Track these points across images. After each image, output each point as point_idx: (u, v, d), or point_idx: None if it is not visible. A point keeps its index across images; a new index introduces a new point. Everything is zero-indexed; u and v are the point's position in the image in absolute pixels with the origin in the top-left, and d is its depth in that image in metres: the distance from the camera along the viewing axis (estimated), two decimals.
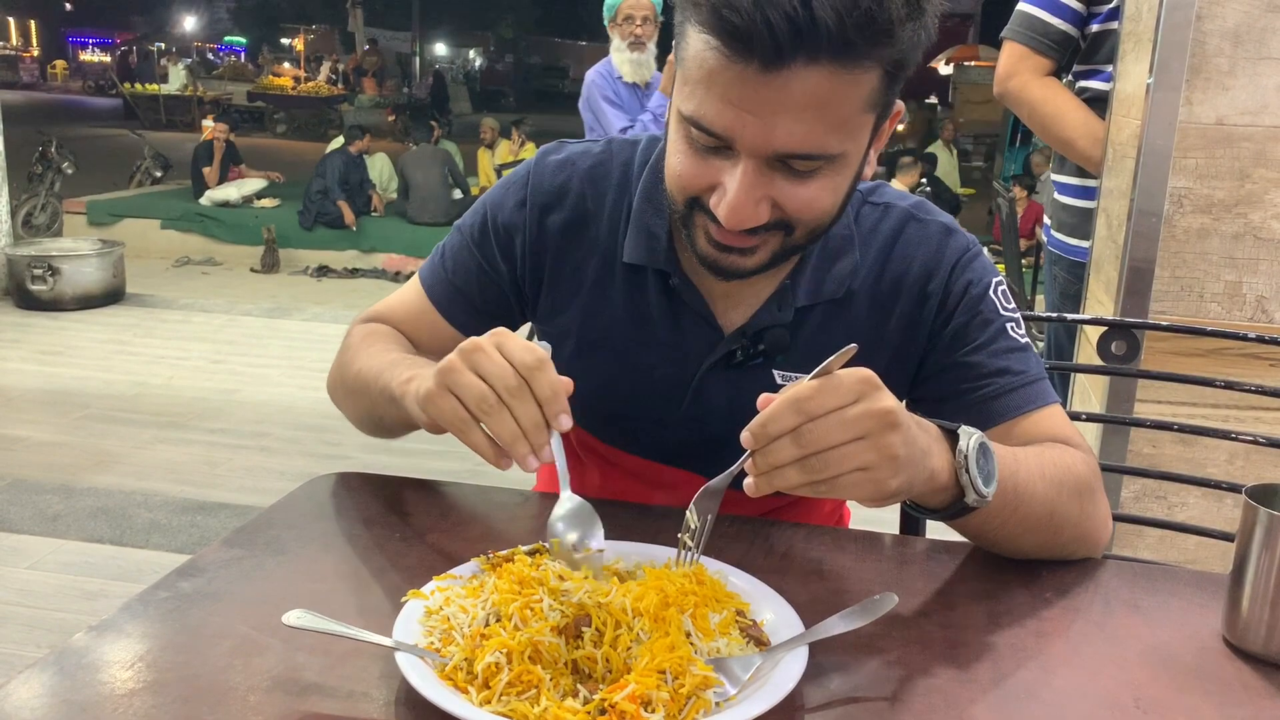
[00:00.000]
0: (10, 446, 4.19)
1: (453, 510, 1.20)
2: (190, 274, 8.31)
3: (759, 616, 0.93)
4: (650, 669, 0.80)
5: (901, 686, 0.88)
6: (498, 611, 0.86)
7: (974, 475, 0.97)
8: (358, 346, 1.28)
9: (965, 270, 1.20)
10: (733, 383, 1.22)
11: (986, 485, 0.99)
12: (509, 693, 0.79)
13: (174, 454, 4.20)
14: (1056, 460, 1.11)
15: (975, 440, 0.99)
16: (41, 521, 3.36)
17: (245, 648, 0.89)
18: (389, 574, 1.03)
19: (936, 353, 1.21)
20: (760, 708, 0.78)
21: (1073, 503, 1.10)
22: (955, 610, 1.01)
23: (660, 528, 1.10)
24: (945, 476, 0.98)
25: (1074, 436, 1.18)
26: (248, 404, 4.92)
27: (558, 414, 0.96)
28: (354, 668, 0.87)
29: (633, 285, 1.24)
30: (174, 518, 3.44)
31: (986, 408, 1.18)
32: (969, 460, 0.97)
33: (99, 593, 2.91)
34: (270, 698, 0.83)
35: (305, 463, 4.16)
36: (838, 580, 1.06)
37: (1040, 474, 1.07)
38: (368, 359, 1.23)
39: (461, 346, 0.98)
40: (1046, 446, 1.14)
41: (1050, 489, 1.07)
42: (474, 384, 0.95)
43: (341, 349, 1.32)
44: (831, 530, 1.19)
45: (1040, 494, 1.06)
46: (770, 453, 0.88)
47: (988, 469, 1.00)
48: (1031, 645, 0.96)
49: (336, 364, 1.32)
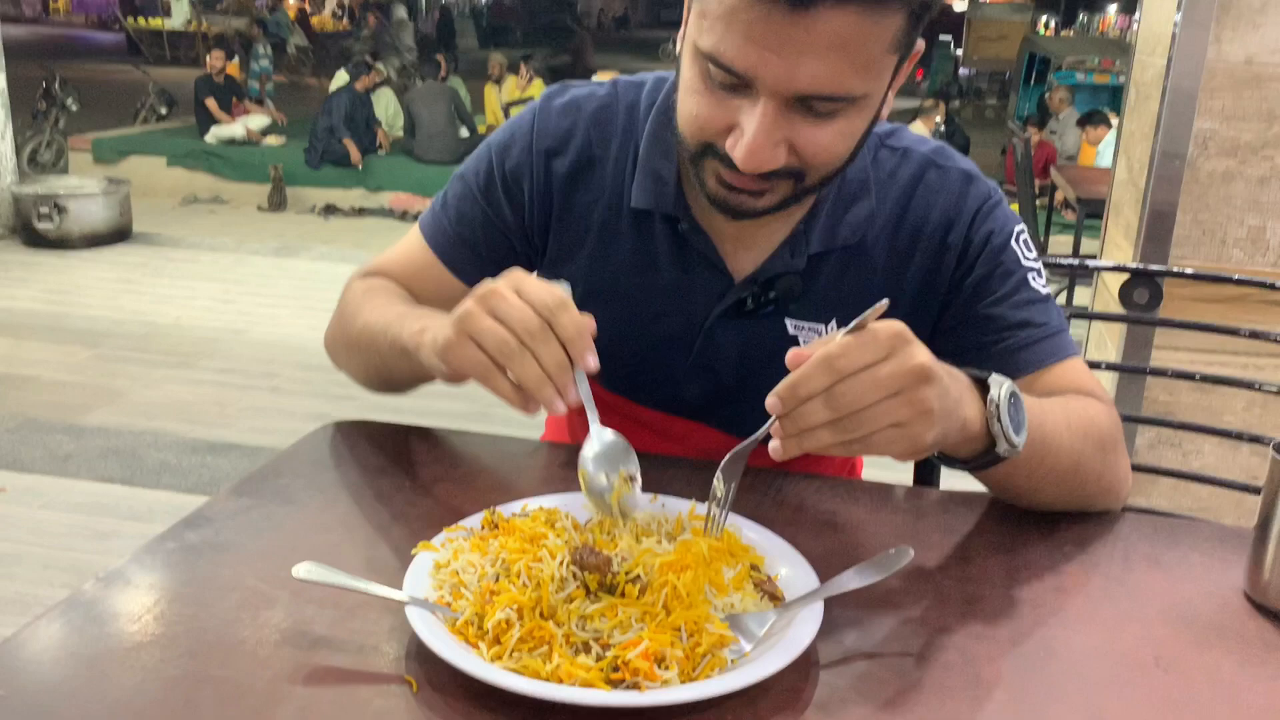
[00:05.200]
0: (21, 386, 4.20)
1: (462, 460, 1.18)
2: (197, 212, 8.27)
3: (773, 571, 0.92)
4: (665, 626, 0.79)
5: (918, 642, 0.86)
6: (507, 566, 0.85)
7: (1005, 424, 0.95)
8: (359, 302, 1.23)
9: (987, 220, 1.17)
10: (743, 331, 1.20)
11: (1017, 434, 0.96)
12: (520, 649, 0.78)
13: (184, 393, 4.21)
14: (1080, 412, 1.09)
15: (1006, 389, 0.96)
16: (53, 461, 3.37)
17: (254, 600, 0.88)
18: (398, 525, 1.02)
19: (956, 305, 1.18)
20: (775, 665, 0.77)
21: (1096, 455, 1.08)
22: (972, 564, 1.00)
23: (671, 477, 1.08)
24: (976, 426, 0.95)
25: (1096, 389, 1.16)
26: (257, 344, 4.91)
27: (583, 352, 0.92)
28: (364, 621, 0.86)
29: (640, 231, 1.22)
30: (184, 458, 3.45)
31: (1008, 361, 1.15)
32: (1000, 409, 0.95)
33: (111, 533, 2.92)
34: (279, 651, 0.82)
35: (315, 403, 4.16)
36: (852, 533, 1.05)
37: (1066, 425, 1.06)
38: (372, 313, 1.19)
39: (478, 292, 0.94)
40: (1070, 398, 1.12)
41: (1075, 440, 1.06)
42: (494, 329, 0.92)
43: (340, 305, 1.28)
44: (845, 482, 1.18)
45: (1066, 445, 1.04)
46: (800, 416, 0.85)
47: (1018, 418, 0.97)
48: (1050, 601, 0.94)
49: (336, 320, 1.28)
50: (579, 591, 0.82)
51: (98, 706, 0.75)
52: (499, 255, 1.26)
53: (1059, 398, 1.11)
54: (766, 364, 0.90)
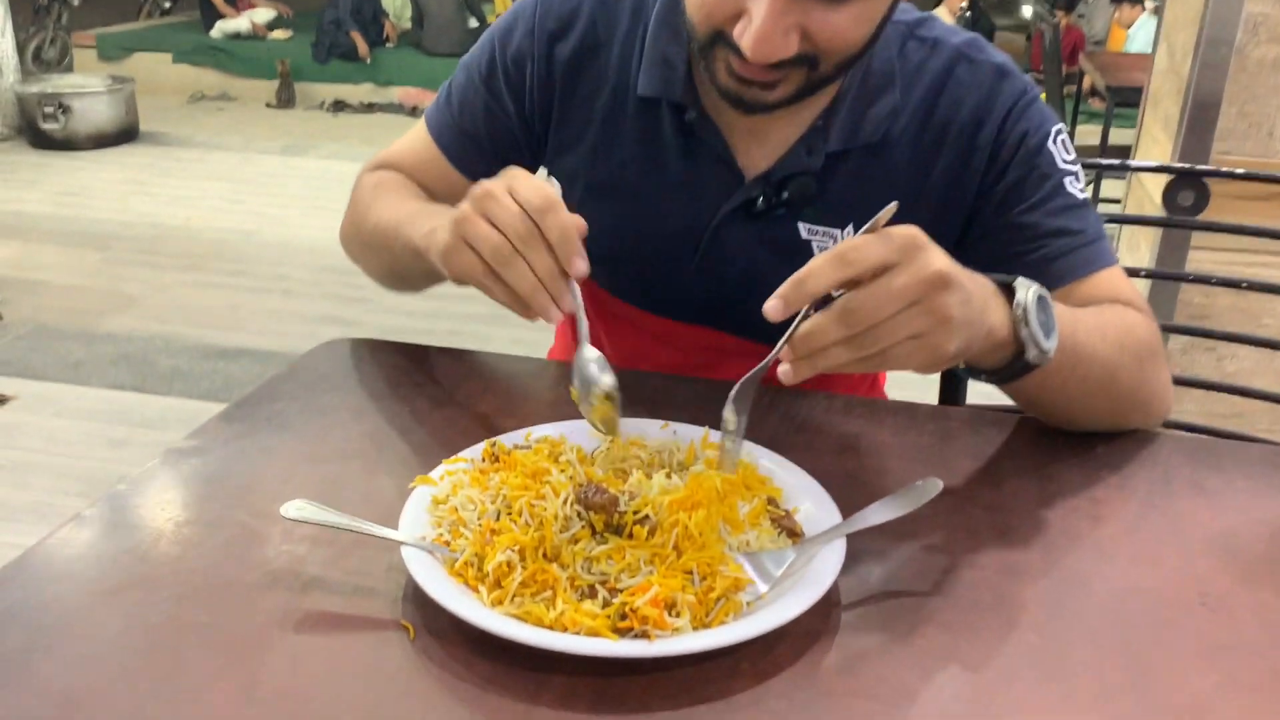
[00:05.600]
0: (32, 291, 4.16)
1: (465, 381, 1.12)
2: (204, 110, 8.13)
3: (791, 503, 0.86)
4: (676, 569, 0.74)
5: (946, 579, 0.81)
6: (508, 503, 0.80)
7: (1034, 329, 0.88)
8: (371, 197, 1.20)
9: (1021, 118, 1.08)
10: (753, 234, 1.13)
11: (1048, 339, 0.90)
12: (522, 593, 0.74)
13: (195, 297, 4.16)
14: (1117, 322, 1.03)
15: (1034, 292, 0.90)
16: (64, 368, 3.35)
17: (243, 538, 0.84)
18: (397, 454, 0.97)
19: (987, 211, 1.10)
20: (793, 609, 0.72)
21: (1133, 367, 1.02)
22: (1003, 490, 0.95)
23: (683, 400, 1.03)
24: (1003, 333, 0.89)
25: (1135, 298, 1.09)
26: (268, 245, 4.85)
27: (570, 256, 0.87)
28: (359, 560, 0.81)
29: (646, 121, 1.14)
30: (196, 364, 3.42)
31: (1042, 271, 1.08)
32: (1028, 314, 0.88)
33: (124, 440, 2.91)
34: (269, 595, 0.77)
35: (328, 305, 4.12)
36: (875, 458, 0.99)
37: (1101, 334, 1.00)
38: (384, 211, 1.15)
39: (473, 193, 0.90)
40: (1106, 307, 1.06)
41: (1112, 350, 1.00)
42: (489, 235, 0.88)
43: (352, 200, 1.24)
44: (866, 401, 1.12)
45: (1101, 355, 0.99)
46: (812, 336, 0.79)
47: (1048, 323, 0.91)
48: (1086, 531, 0.89)
49: (349, 216, 1.24)
50: (584, 532, 0.76)
51: (74, 656, 0.71)
52: (503, 148, 1.21)
53: (1094, 307, 1.05)
54: (776, 269, 0.84)
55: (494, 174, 0.90)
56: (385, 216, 1.13)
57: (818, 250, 1.11)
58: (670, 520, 0.76)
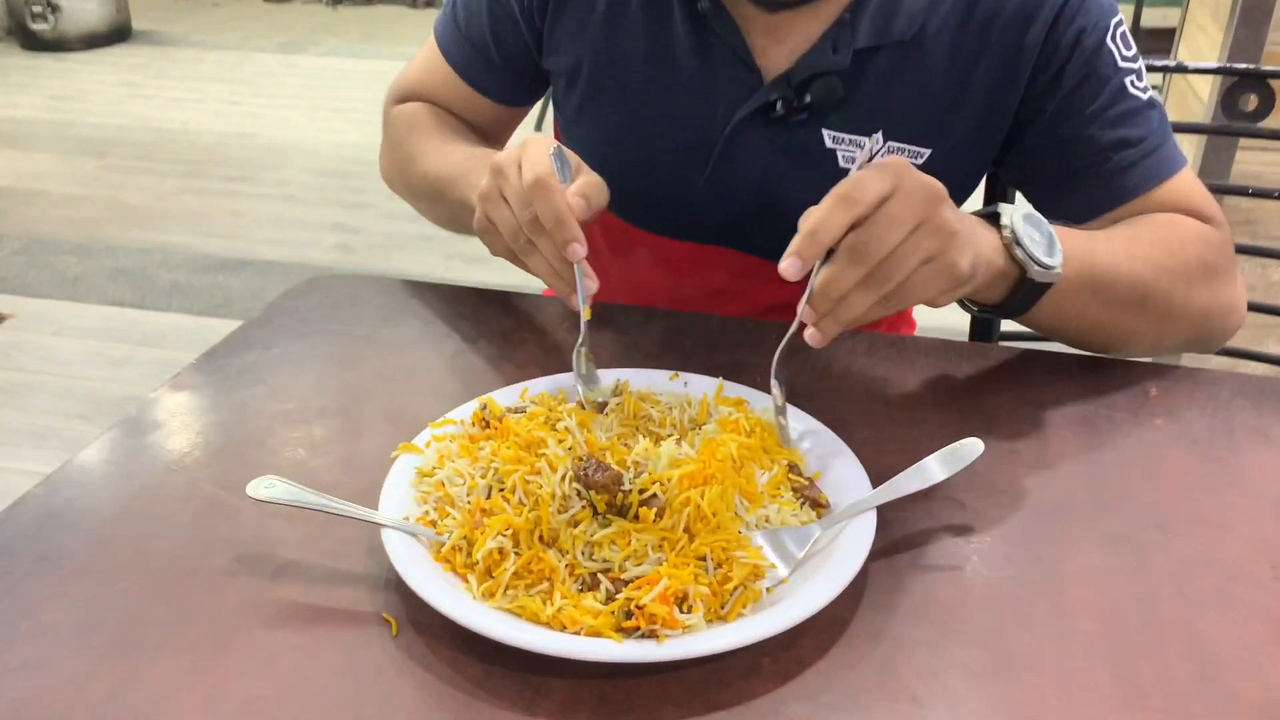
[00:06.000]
0: (29, 202, 4.05)
1: (458, 322, 1.03)
2: (198, 6, 7.86)
3: (814, 468, 0.78)
4: (687, 555, 0.66)
5: (987, 552, 0.73)
6: (500, 478, 0.72)
7: (1028, 247, 0.85)
8: (410, 143, 1.15)
9: (1076, 16, 0.96)
10: (771, 142, 1.02)
11: (1049, 255, 0.86)
12: (516, 585, 0.66)
13: (195, 205, 4.05)
14: (1162, 235, 0.95)
15: (1019, 212, 0.87)
16: (61, 284, 3.26)
17: (211, 515, 0.76)
18: (382, 409, 0.89)
19: (1038, 123, 0.99)
20: (819, 599, 0.64)
21: (1177, 283, 0.94)
22: (1047, 441, 0.86)
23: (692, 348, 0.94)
24: (1000, 259, 0.85)
25: (1205, 205, 1.00)
26: (268, 149, 4.70)
27: (566, 243, 0.84)
28: (338, 540, 0.73)
29: (654, 13, 1.03)
30: (196, 278, 3.32)
31: (1101, 189, 0.99)
32: (1017, 233, 0.85)
33: (125, 359, 2.84)
34: (237, 583, 0.70)
35: (330, 211, 4.00)
36: (906, 409, 0.90)
37: (1128, 253, 0.92)
38: (429, 162, 1.10)
39: (491, 167, 0.89)
40: (1147, 220, 0.97)
41: (1144, 268, 0.92)
42: (507, 219, 0.88)
43: (386, 138, 1.20)
44: (894, 340, 1.02)
45: (1129, 274, 0.92)
46: (830, 285, 0.75)
47: (1044, 240, 0.87)
48: (1141, 493, 0.80)
49: (387, 155, 1.21)
50: (584, 513, 0.68)
51: (19, 662, 0.64)
52: (512, 57, 1.13)
53: (1125, 223, 0.97)
54: (797, 182, 0.77)
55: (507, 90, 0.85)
56: (432, 168, 1.09)
57: (843, 161, 1.01)
58: (680, 499, 0.68)
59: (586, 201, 0.85)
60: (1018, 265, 0.86)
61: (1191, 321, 0.97)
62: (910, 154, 1.01)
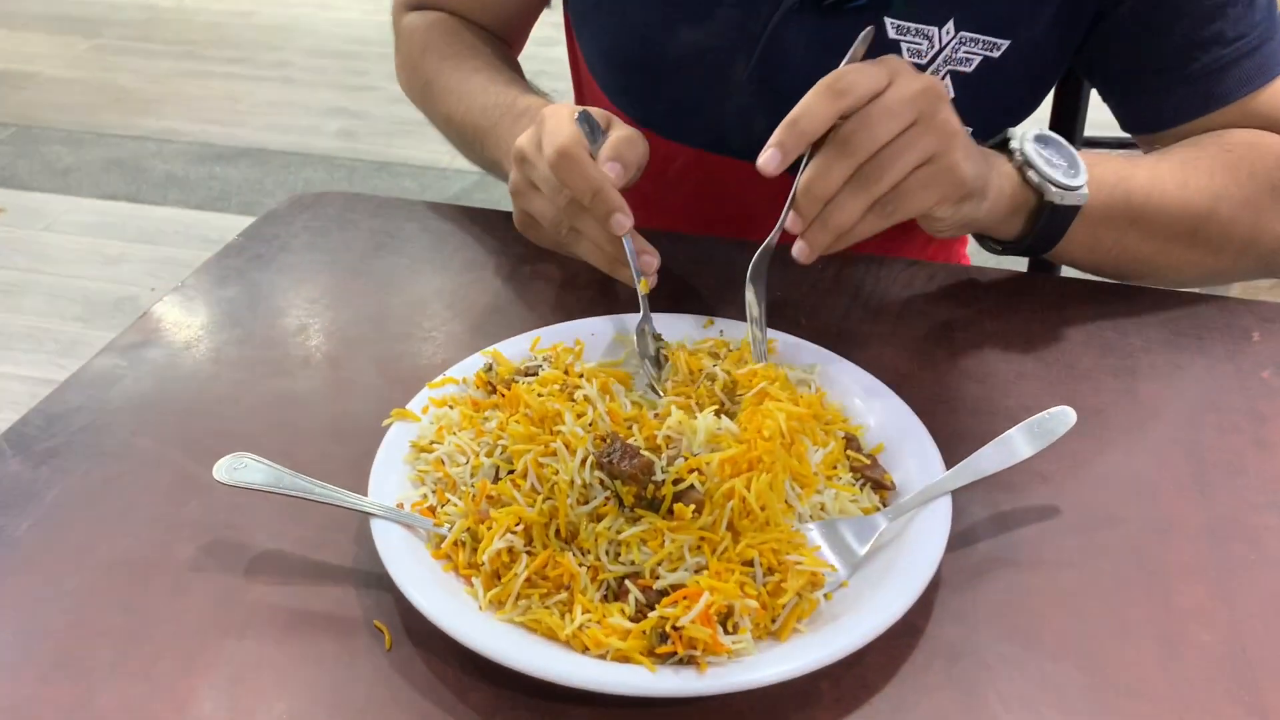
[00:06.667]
0: (19, 86, 3.88)
1: (460, 251, 0.91)
2: None
3: (875, 439, 0.67)
4: (732, 560, 0.56)
5: (1073, 542, 0.63)
6: (510, 458, 0.61)
7: (1042, 168, 0.78)
8: (427, 68, 1.03)
9: None
10: (823, 35, 0.88)
11: (1071, 176, 0.78)
12: (529, 593, 0.56)
13: (191, 89, 3.87)
14: (1225, 159, 0.84)
15: (1031, 132, 0.80)
16: (52, 176, 3.12)
17: (176, 491, 0.66)
18: (374, 359, 0.78)
19: (1119, 14, 0.86)
20: (890, 612, 0.54)
21: (1242, 215, 0.84)
22: (1140, 402, 0.75)
23: (727, 276, 0.82)
24: (1012, 184, 0.79)
25: None
26: (267, 28, 4.49)
27: (608, 215, 0.74)
28: (322, 527, 0.63)
29: None
30: (192, 168, 3.18)
31: (1188, 93, 0.87)
32: (1027, 154, 0.78)
33: (120, 256, 2.72)
34: (204, 581, 0.60)
35: (331, 95, 3.82)
36: (977, 360, 0.79)
37: (1179, 178, 0.83)
38: (452, 102, 0.98)
39: (514, 155, 0.80)
40: (1210, 140, 0.86)
41: (1198, 196, 0.83)
42: (543, 209, 0.80)
43: (401, 53, 1.08)
44: (956, 270, 0.90)
45: (1176, 202, 0.82)
46: (815, 182, 0.69)
47: (1062, 160, 0.79)
48: (1251, 463, 0.69)
49: (405, 73, 1.08)
50: (609, 507, 0.58)
51: None
52: None
53: (1187, 142, 0.87)
54: None
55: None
56: (457, 113, 0.98)
57: (907, 54, 0.88)
58: (723, 490, 0.57)
59: (622, 163, 0.75)
60: (1034, 191, 0.79)
61: (1260, 255, 0.88)
62: (986, 45, 0.88)
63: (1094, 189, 0.80)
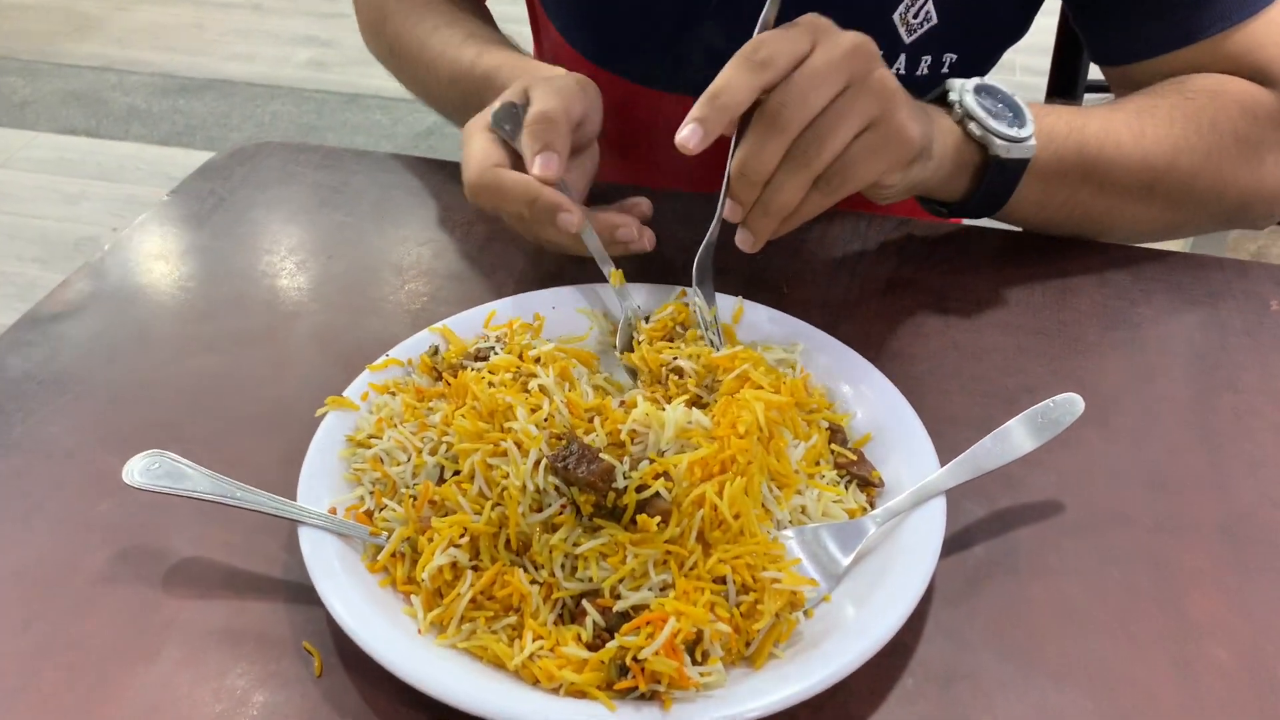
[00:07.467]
0: None
1: (420, 209, 0.84)
2: None
3: (860, 430, 0.61)
4: (702, 577, 0.50)
5: (1079, 547, 0.57)
6: (455, 458, 0.55)
7: (985, 120, 0.72)
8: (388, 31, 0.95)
9: None
10: None
11: (1016, 127, 0.72)
12: (474, 615, 0.50)
13: (155, 14, 3.71)
14: (1186, 108, 0.78)
15: (970, 84, 0.74)
16: (7, 110, 2.99)
17: (86, 488, 0.59)
18: (312, 334, 0.71)
19: None
20: (878, 634, 0.48)
21: (1203, 167, 0.78)
22: (1151, 378, 0.69)
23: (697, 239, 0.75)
24: (953, 139, 0.72)
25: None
26: None
27: (553, 220, 0.67)
28: (246, 530, 0.57)
29: None
30: (155, 101, 3.05)
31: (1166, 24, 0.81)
32: (966, 105, 0.72)
33: (80, 194, 2.61)
34: (114, 595, 0.54)
35: (303, 24, 3.68)
36: (972, 331, 0.72)
37: (1134, 129, 0.76)
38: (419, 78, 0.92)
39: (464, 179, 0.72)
40: (1171, 87, 0.80)
41: (1155, 148, 0.76)
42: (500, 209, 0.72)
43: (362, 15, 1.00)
44: (945, 227, 0.83)
45: (1132, 154, 0.76)
46: (749, 163, 0.61)
47: (1005, 110, 0.73)
48: (1272, 452, 0.63)
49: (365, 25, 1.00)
50: (565, 516, 0.51)
51: None
52: None
53: (1145, 91, 0.80)
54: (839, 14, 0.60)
55: None
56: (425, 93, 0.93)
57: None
58: (692, 497, 0.51)
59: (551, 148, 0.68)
60: (979, 146, 0.73)
61: (1224, 207, 0.81)
62: None
63: (1043, 141, 0.74)
